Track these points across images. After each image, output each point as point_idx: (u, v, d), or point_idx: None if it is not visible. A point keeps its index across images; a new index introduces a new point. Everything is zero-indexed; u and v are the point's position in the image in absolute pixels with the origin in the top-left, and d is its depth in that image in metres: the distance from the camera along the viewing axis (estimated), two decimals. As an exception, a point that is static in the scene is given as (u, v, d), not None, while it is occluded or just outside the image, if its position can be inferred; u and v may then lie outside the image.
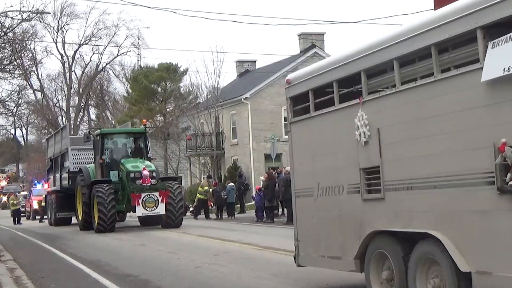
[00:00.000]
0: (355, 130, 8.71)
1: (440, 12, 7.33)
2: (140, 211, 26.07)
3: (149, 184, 26.08)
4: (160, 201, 25.86)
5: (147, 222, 28.70)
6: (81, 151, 33.55)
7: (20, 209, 43.72)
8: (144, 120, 32.63)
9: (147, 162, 27.84)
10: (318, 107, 9.68)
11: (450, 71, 7.24)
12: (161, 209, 26.02)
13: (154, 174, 27.00)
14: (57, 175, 35.33)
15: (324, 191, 9.52)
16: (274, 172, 30.32)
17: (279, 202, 29.28)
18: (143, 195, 25.74)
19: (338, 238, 9.20)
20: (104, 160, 28.20)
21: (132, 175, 26.54)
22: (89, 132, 31.43)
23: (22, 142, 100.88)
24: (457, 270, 6.94)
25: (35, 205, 45.88)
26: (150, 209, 25.81)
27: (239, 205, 36.21)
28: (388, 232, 8.22)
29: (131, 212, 28.18)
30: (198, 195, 35.28)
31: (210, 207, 37.81)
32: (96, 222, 26.08)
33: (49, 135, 46.49)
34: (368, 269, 8.56)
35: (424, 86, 7.52)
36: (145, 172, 26.20)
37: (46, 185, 41.80)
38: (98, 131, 30.64)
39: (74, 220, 33.41)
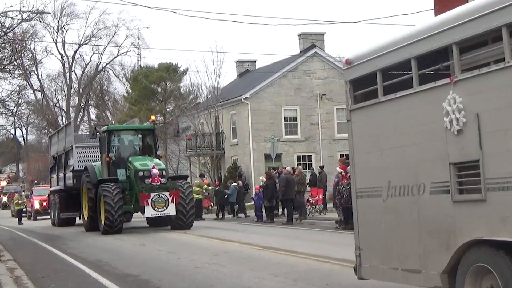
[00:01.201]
0: (444, 117, 6.81)
1: None
2: (149, 211, 23.66)
3: (159, 183, 23.75)
4: (170, 201, 23.49)
5: (156, 223, 26.32)
6: (86, 149, 30.72)
7: (23, 209, 41.09)
8: (152, 117, 30.03)
9: (156, 160, 25.40)
10: (389, 90, 7.76)
11: None
12: (171, 210, 23.63)
13: (164, 172, 24.71)
14: (61, 174, 32.45)
15: (396, 191, 7.60)
16: (274, 172, 29.10)
17: (279, 202, 28.13)
18: (152, 195, 23.39)
19: (417, 248, 7.28)
20: (110, 158, 25.73)
21: (140, 173, 24.18)
22: (95, 128, 28.47)
23: (22, 142, 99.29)
24: None
25: (36, 205, 43.42)
26: (159, 210, 23.44)
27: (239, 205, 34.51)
28: (491, 242, 6.33)
29: (139, 212, 25.73)
30: (194, 195, 33.42)
31: (210, 207, 36.40)
32: (103, 223, 23.85)
33: (52, 133, 44.03)
34: (463, 286, 6.66)
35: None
36: (155, 171, 23.88)
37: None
38: (105, 127, 27.94)
39: (78, 221, 31.46)
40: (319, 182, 29.05)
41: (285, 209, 27.42)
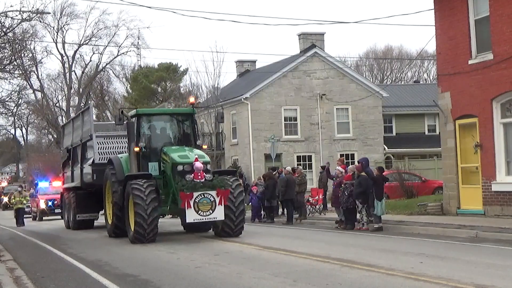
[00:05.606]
0: None
1: None
2: (191, 216, 18.48)
3: (203, 180, 18.79)
4: (217, 203, 18.55)
5: (195, 228, 21.74)
6: (107, 139, 25.87)
7: (25, 209, 38.03)
8: (191, 99, 24.03)
9: (198, 151, 20.13)
10: None
11: None
12: (218, 214, 18.60)
13: (208, 166, 19.67)
14: (77, 169, 27.47)
15: None
16: (274, 173, 28.91)
17: (279, 202, 27.92)
18: (195, 194, 18.41)
19: None
20: (141, 149, 20.74)
21: (179, 168, 19.21)
22: (121, 112, 22.42)
23: (22, 142, 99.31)
24: None
25: (42, 205, 40.70)
26: (204, 214, 18.47)
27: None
28: None
29: (177, 216, 21.77)
30: None
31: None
32: (132, 230, 19.16)
33: (65, 122, 41.09)
34: None
35: None
36: (198, 164, 18.84)
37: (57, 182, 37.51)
38: (134, 111, 22.11)
39: (96, 223, 28.78)
40: (320, 182, 29.10)
41: (285, 209, 27.22)
